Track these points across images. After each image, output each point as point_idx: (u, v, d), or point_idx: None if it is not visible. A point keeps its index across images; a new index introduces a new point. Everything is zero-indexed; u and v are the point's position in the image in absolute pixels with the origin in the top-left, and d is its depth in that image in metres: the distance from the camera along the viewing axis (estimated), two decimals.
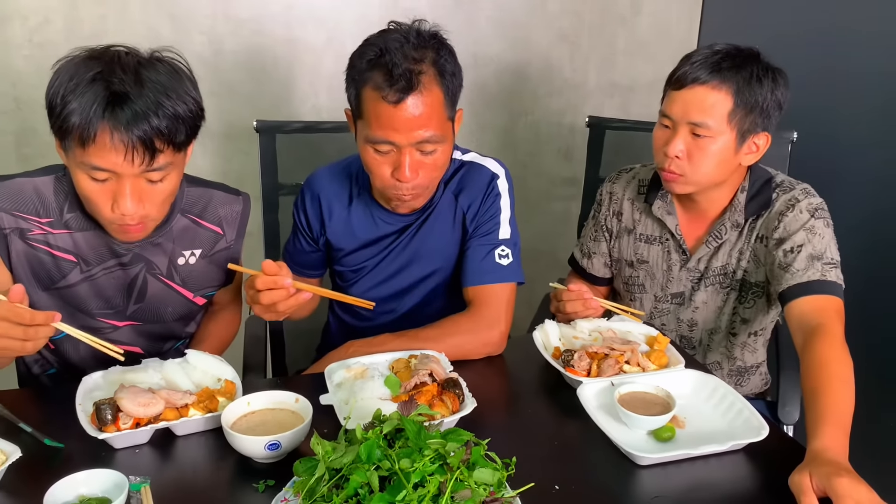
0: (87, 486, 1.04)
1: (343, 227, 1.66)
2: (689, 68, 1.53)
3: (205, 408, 1.22)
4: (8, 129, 2.26)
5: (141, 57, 1.30)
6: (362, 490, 0.93)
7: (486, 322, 1.53)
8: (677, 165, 1.56)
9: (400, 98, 1.38)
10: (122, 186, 1.28)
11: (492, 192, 1.64)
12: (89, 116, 1.21)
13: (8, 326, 1.15)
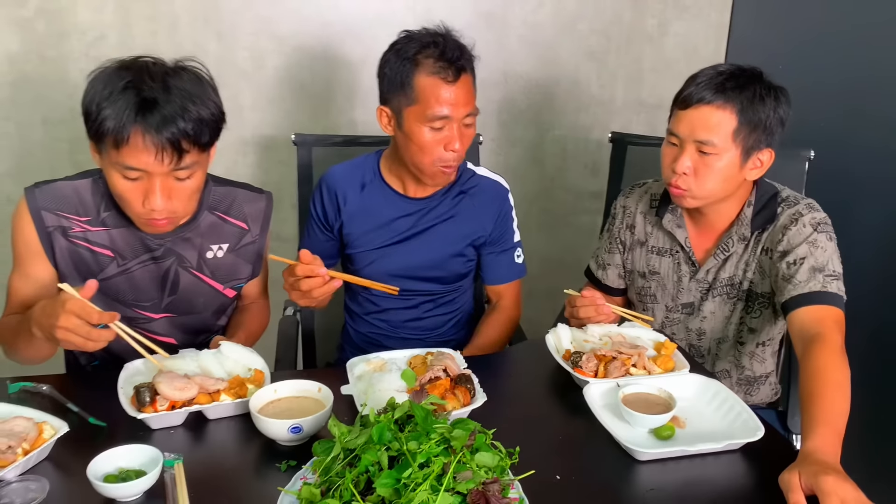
0: (125, 459, 1.15)
1: (357, 209, 1.82)
2: (695, 89, 1.59)
3: (235, 394, 1.33)
4: (63, 137, 2.42)
5: (167, 66, 1.43)
6: (373, 468, 1.02)
7: (516, 311, 1.95)
8: (684, 181, 1.62)
9: (456, 77, 1.62)
10: (153, 184, 1.40)
11: (506, 206, 1.88)
12: (123, 121, 1.34)
13: (77, 323, 1.26)
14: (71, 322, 1.27)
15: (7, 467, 1.12)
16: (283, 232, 2.60)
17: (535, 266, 2.89)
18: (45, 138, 2.40)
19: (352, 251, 1.85)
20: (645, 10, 2.68)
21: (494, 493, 0.99)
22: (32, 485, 1.13)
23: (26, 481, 1.13)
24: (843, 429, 1.28)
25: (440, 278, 1.87)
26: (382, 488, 0.98)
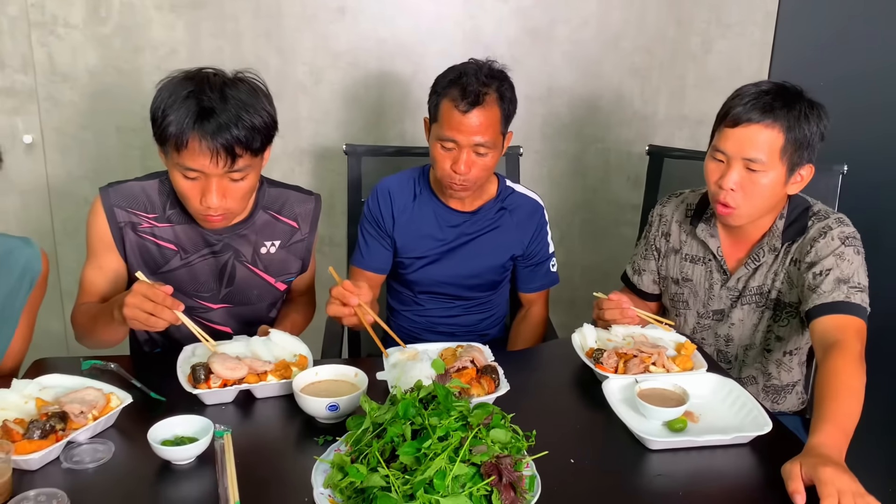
0: (181, 427, 1.29)
1: (409, 219, 1.97)
2: (742, 109, 1.63)
3: (280, 375, 1.46)
4: (136, 145, 2.61)
5: (226, 77, 1.58)
6: (397, 439, 1.13)
7: (545, 312, 2.11)
8: (732, 198, 1.67)
9: (468, 109, 1.77)
10: (209, 184, 1.56)
11: (542, 220, 2.03)
12: (183, 127, 1.49)
13: (142, 300, 1.42)
14: (137, 300, 1.43)
15: (79, 430, 1.27)
16: (335, 236, 2.75)
17: (577, 275, 2.98)
18: (118, 145, 2.61)
19: (401, 258, 1.99)
20: (689, 29, 2.75)
21: (506, 465, 1.09)
22: (100, 446, 1.27)
23: (94, 443, 1.28)
24: (851, 431, 1.33)
25: (479, 286, 2.02)
26: (405, 456, 1.09)
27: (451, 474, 1.06)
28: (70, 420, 1.27)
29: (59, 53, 2.50)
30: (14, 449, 1.17)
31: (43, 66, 2.50)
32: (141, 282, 1.46)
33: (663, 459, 1.31)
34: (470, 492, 1.06)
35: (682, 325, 1.93)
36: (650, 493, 1.24)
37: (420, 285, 2.02)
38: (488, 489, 1.08)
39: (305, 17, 2.57)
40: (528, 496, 1.12)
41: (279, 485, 1.21)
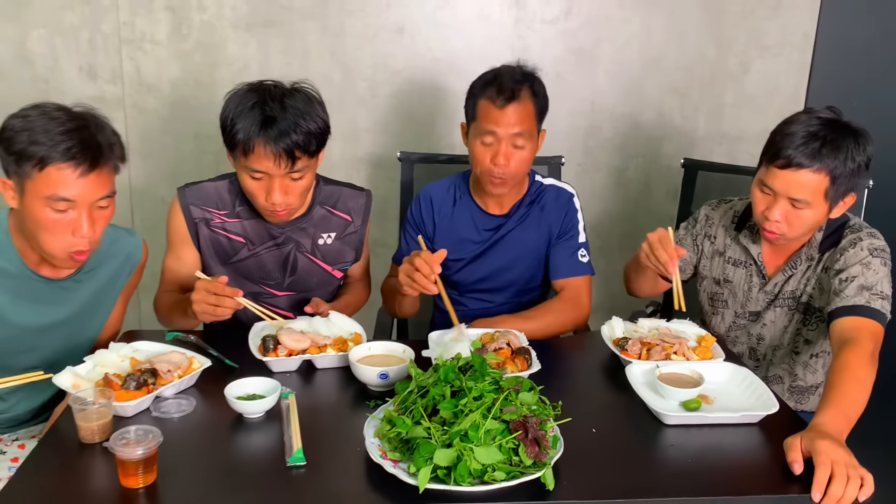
0: (252, 387, 1.48)
1: (448, 223, 2.11)
2: (792, 152, 1.71)
3: (338, 349, 1.66)
4: (210, 150, 2.86)
5: (285, 88, 1.79)
6: (438, 398, 1.30)
7: (572, 304, 2.03)
8: (777, 227, 1.79)
9: (504, 104, 1.91)
10: (273, 183, 1.76)
11: (570, 207, 2.11)
12: (249, 135, 1.70)
13: (205, 294, 1.65)
14: (199, 295, 1.65)
15: (166, 385, 1.48)
16: (387, 239, 2.94)
17: (615, 286, 3.11)
18: (195, 150, 2.86)
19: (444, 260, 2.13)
20: (728, 50, 2.89)
21: (532, 424, 1.26)
22: (183, 401, 1.48)
23: (179, 398, 1.49)
24: (854, 417, 1.45)
25: (515, 280, 2.12)
26: (444, 411, 1.27)
27: (483, 428, 1.23)
28: (159, 376, 1.48)
29: (145, 66, 2.77)
30: (115, 396, 1.38)
31: (130, 77, 2.77)
32: (201, 280, 1.68)
33: (677, 433, 1.45)
34: (500, 444, 1.23)
35: (718, 323, 2.06)
36: (662, 460, 1.39)
37: (462, 285, 2.15)
38: (515, 443, 1.24)
39: (367, 37, 2.79)
40: (552, 452, 1.27)
41: (335, 437, 1.40)
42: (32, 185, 1.47)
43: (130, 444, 1.21)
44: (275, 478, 1.27)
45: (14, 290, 1.56)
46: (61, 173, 1.47)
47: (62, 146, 1.46)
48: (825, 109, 1.78)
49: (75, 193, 1.49)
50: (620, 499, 1.25)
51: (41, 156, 1.45)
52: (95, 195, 1.52)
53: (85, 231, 1.51)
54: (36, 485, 1.23)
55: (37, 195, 1.47)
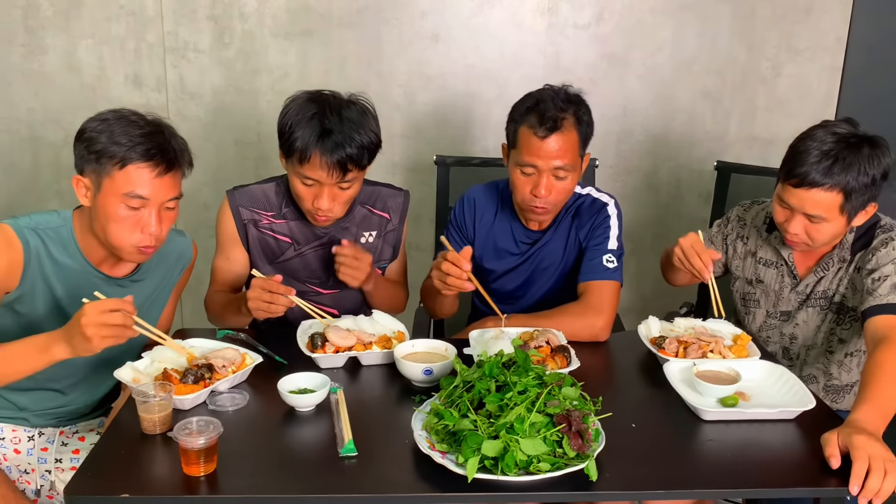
0: (303, 381, 1.55)
1: (488, 231, 2.11)
2: (805, 171, 1.74)
3: (383, 346, 1.71)
4: (250, 156, 2.94)
5: (343, 100, 1.85)
6: (484, 392, 1.35)
7: (592, 310, 1.92)
8: (798, 238, 1.83)
9: (546, 135, 1.86)
10: (322, 191, 1.83)
11: (602, 215, 2.05)
12: (307, 144, 1.77)
13: (261, 292, 1.72)
14: (255, 293, 1.72)
15: (221, 380, 1.55)
16: (421, 243, 3.00)
17: (647, 287, 3.16)
18: (235, 156, 2.94)
19: (481, 264, 2.15)
20: (759, 54, 2.91)
21: (575, 417, 1.30)
22: (237, 395, 1.54)
23: (233, 392, 1.55)
24: (891, 413, 1.48)
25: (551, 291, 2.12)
26: (490, 405, 1.32)
27: (528, 421, 1.28)
28: (215, 371, 1.55)
29: (189, 75, 2.86)
30: (175, 389, 1.45)
31: (174, 85, 2.86)
32: (257, 278, 1.75)
33: (716, 429, 1.48)
34: (544, 436, 1.28)
35: (750, 322, 2.08)
36: (702, 454, 1.43)
37: (498, 294, 2.14)
38: (559, 435, 1.29)
39: (402, 45, 2.86)
40: (594, 445, 1.32)
41: (384, 429, 1.46)
42: (111, 182, 1.56)
43: (193, 433, 1.27)
44: (328, 467, 1.33)
45: (76, 287, 1.64)
46: (140, 172, 1.56)
47: (141, 147, 1.56)
48: (842, 123, 1.80)
49: (149, 192, 1.58)
50: (663, 489, 1.30)
51: (123, 155, 1.55)
52: (166, 196, 1.61)
53: (153, 228, 1.60)
54: (104, 471, 1.30)
55: (114, 192, 1.56)
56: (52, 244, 1.63)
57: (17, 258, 1.58)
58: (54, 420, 1.75)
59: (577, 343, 1.80)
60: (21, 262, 1.59)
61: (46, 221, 1.65)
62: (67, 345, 1.43)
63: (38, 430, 1.74)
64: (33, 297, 1.61)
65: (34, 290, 1.61)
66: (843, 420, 1.46)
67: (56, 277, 1.63)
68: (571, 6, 2.84)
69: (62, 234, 1.65)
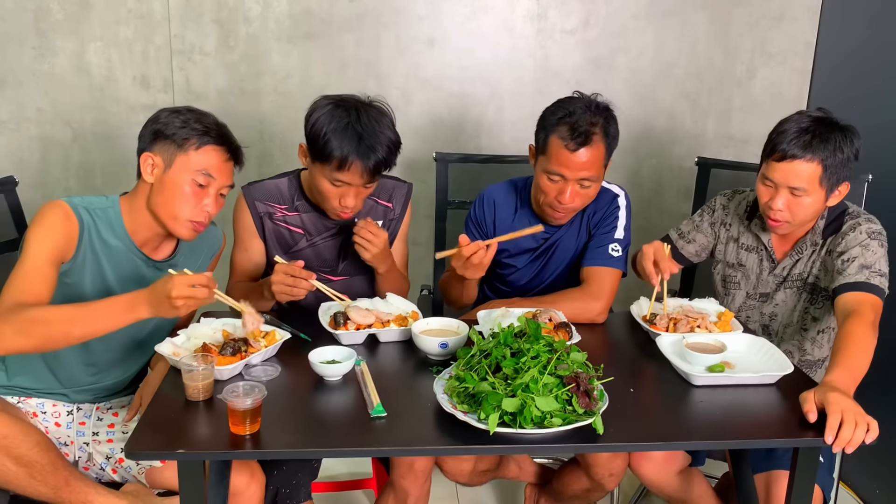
0: (330, 354, 1.68)
1: (507, 228, 2.17)
2: (787, 146, 1.93)
3: (399, 324, 1.85)
4: (252, 155, 3.02)
5: (371, 108, 1.96)
6: (500, 358, 1.50)
7: (592, 294, 2.06)
8: (780, 215, 2.00)
9: (577, 147, 1.96)
10: (349, 191, 1.96)
11: (612, 206, 2.19)
12: (346, 154, 1.89)
13: (284, 276, 1.86)
14: (279, 277, 1.86)
15: (254, 353, 1.68)
16: (417, 237, 3.14)
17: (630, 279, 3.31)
18: None
19: (500, 259, 2.25)
20: (735, 58, 3.11)
21: (583, 378, 1.46)
22: (269, 368, 1.68)
23: (265, 365, 1.69)
24: (859, 377, 1.65)
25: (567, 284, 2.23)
26: (507, 368, 1.47)
27: (541, 382, 1.43)
28: (250, 345, 1.68)
29: (194, 76, 2.97)
30: (217, 360, 1.58)
31: (180, 86, 2.98)
32: (280, 263, 1.89)
33: (705, 392, 1.65)
34: (556, 395, 1.43)
35: (729, 303, 2.25)
36: (694, 412, 1.59)
37: (515, 286, 2.29)
38: (569, 394, 1.44)
39: (399, 49, 3.00)
40: (600, 403, 1.47)
41: (407, 394, 1.61)
42: (185, 159, 1.74)
43: (241, 396, 1.41)
44: (360, 426, 1.47)
45: (119, 266, 1.78)
46: (216, 153, 1.77)
47: (217, 132, 1.78)
48: (816, 110, 2.01)
49: (217, 173, 1.77)
50: (661, 441, 1.46)
51: (202, 136, 1.75)
52: (227, 181, 1.80)
53: (210, 208, 1.76)
54: (159, 432, 1.43)
55: (187, 168, 1.74)
56: (101, 223, 1.77)
57: (73, 231, 1.72)
58: (91, 395, 1.87)
59: (575, 324, 1.95)
60: (76, 236, 1.72)
61: (96, 202, 1.79)
62: (153, 308, 1.55)
63: (76, 405, 1.86)
64: (83, 270, 1.74)
65: (84, 263, 1.75)
66: (816, 384, 1.63)
67: (103, 254, 1.76)
68: (559, 12, 3.01)
69: (110, 215, 1.78)
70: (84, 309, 1.58)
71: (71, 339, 1.58)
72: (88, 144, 3.01)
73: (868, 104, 2.81)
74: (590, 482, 2.09)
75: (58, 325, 1.55)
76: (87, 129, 3.00)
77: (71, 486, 1.59)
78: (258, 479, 1.76)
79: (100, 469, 1.83)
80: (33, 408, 1.82)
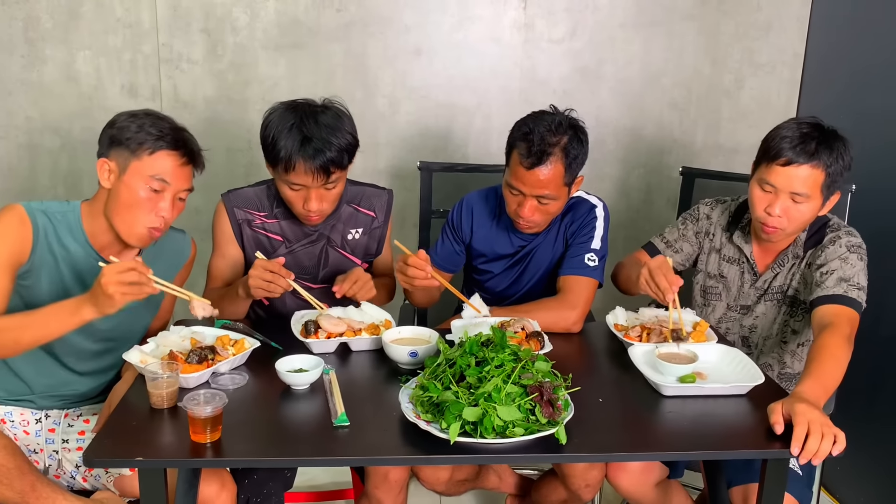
0: (299, 362, 1.68)
1: (485, 235, 2.23)
2: (792, 151, 1.90)
3: (371, 333, 1.85)
4: (241, 163, 3.08)
5: (318, 107, 1.98)
6: (465, 367, 1.49)
7: (567, 304, 2.05)
8: (778, 222, 1.98)
9: (531, 166, 1.96)
10: (309, 193, 1.97)
11: (589, 216, 2.18)
12: (290, 154, 1.91)
13: (262, 272, 1.86)
14: (257, 272, 1.86)
15: (222, 361, 1.68)
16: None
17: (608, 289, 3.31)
18: (227, 163, 3.07)
19: (476, 265, 2.29)
20: (723, 68, 3.10)
21: (547, 387, 1.45)
22: (237, 376, 1.68)
23: (233, 374, 1.68)
24: (831, 389, 1.64)
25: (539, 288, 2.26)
26: (470, 377, 1.46)
27: (504, 391, 1.42)
28: (217, 353, 1.68)
29: (182, 85, 2.99)
30: (181, 368, 1.58)
31: (168, 95, 3.00)
32: (260, 259, 1.89)
33: (675, 403, 1.63)
34: (518, 404, 1.42)
35: (708, 314, 2.23)
36: (662, 424, 1.58)
37: (493, 292, 2.29)
38: (532, 404, 1.43)
39: (387, 58, 3.01)
40: (564, 413, 1.46)
41: (373, 404, 1.60)
42: (139, 165, 1.73)
43: (201, 404, 1.40)
44: (323, 435, 1.46)
45: (78, 271, 1.78)
46: (169, 158, 1.75)
47: (171, 137, 1.76)
48: (811, 118, 1.99)
49: (172, 178, 1.76)
50: (625, 452, 1.44)
51: (156, 142, 1.74)
52: (182, 186, 1.79)
53: (166, 213, 1.76)
54: (119, 439, 1.43)
55: (140, 174, 1.73)
56: (60, 227, 1.77)
57: (27, 235, 1.72)
58: (60, 402, 1.87)
59: (551, 333, 1.94)
60: (31, 239, 1.73)
61: (56, 207, 1.80)
62: (94, 306, 1.57)
63: (44, 412, 1.86)
64: (39, 274, 1.75)
65: (41, 267, 1.75)
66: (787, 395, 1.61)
67: (61, 258, 1.77)
68: (546, 22, 3.01)
69: (69, 219, 1.79)
70: (32, 316, 1.61)
71: (22, 345, 1.62)
72: (76, 152, 3.03)
73: (856, 114, 2.80)
74: (567, 493, 2.08)
75: (7, 333, 1.60)
76: (75, 138, 3.01)
77: (38, 491, 1.59)
78: (228, 488, 1.75)
79: (70, 477, 1.82)
80: (1, 415, 1.82)
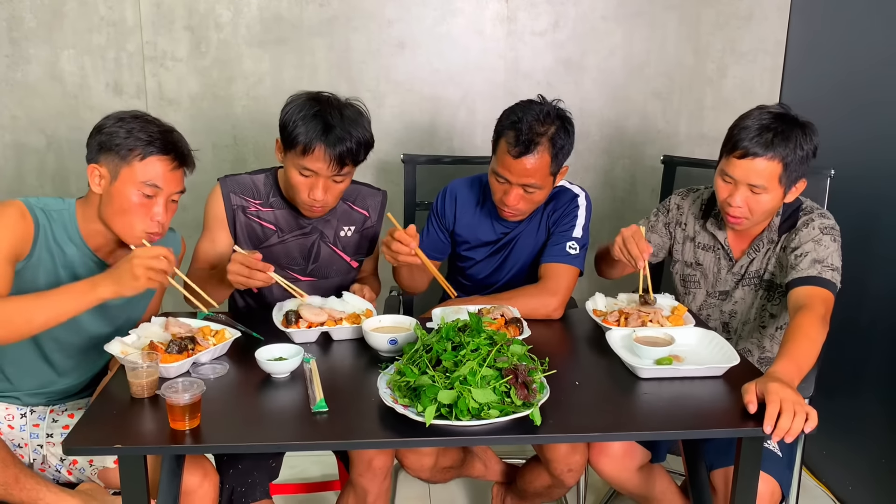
0: (279, 351, 1.69)
1: (469, 222, 2.26)
2: (749, 143, 1.93)
3: (352, 323, 1.86)
4: (227, 159, 3.09)
5: (341, 101, 2.02)
6: (441, 351, 1.51)
7: (548, 291, 2.08)
8: (740, 212, 2.01)
9: (518, 155, 1.99)
10: (318, 182, 1.98)
11: (571, 205, 2.22)
12: (311, 138, 1.92)
13: (240, 266, 1.87)
14: (235, 266, 1.87)
15: (203, 351, 1.69)
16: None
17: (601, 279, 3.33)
18: (213, 159, 3.08)
19: (459, 252, 2.32)
20: (705, 56, 3.12)
21: (522, 370, 1.47)
22: (218, 366, 1.69)
23: (214, 364, 1.70)
24: (805, 369, 1.66)
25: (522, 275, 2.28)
26: (446, 361, 1.48)
27: (479, 374, 1.44)
28: (197, 343, 1.69)
29: (167, 82, 3.00)
30: (161, 358, 1.59)
31: (153, 92, 3.01)
32: (238, 253, 1.90)
33: (651, 385, 1.65)
34: (494, 387, 1.44)
35: (689, 302, 2.26)
36: (638, 405, 1.59)
37: (475, 279, 2.32)
38: (507, 386, 1.45)
39: (370, 52, 3.02)
40: (539, 395, 1.48)
41: (352, 391, 1.61)
42: (129, 171, 1.73)
43: (179, 391, 1.42)
44: (301, 421, 1.48)
45: (73, 269, 1.79)
46: (160, 163, 1.75)
47: (160, 142, 1.75)
48: (776, 105, 2.01)
49: (164, 183, 1.76)
50: (599, 432, 1.46)
51: (146, 147, 1.73)
52: (175, 189, 1.80)
53: (161, 217, 1.77)
54: (99, 427, 1.44)
55: (132, 180, 1.74)
56: (56, 225, 1.78)
57: (28, 230, 1.73)
58: (45, 399, 1.88)
59: (531, 320, 1.96)
60: (32, 235, 1.74)
61: (52, 204, 1.80)
62: (114, 284, 1.59)
63: (29, 408, 1.87)
64: (37, 270, 1.76)
65: (39, 263, 1.76)
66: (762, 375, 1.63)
67: (58, 256, 1.78)
68: (529, 14, 3.03)
69: (65, 218, 1.80)
70: (45, 296, 1.61)
71: (34, 326, 1.60)
72: (63, 151, 3.04)
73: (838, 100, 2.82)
74: (550, 479, 2.10)
75: (20, 314, 1.58)
76: (61, 137, 3.02)
77: (21, 483, 1.61)
78: (211, 478, 1.77)
79: (55, 471, 1.84)
80: None
